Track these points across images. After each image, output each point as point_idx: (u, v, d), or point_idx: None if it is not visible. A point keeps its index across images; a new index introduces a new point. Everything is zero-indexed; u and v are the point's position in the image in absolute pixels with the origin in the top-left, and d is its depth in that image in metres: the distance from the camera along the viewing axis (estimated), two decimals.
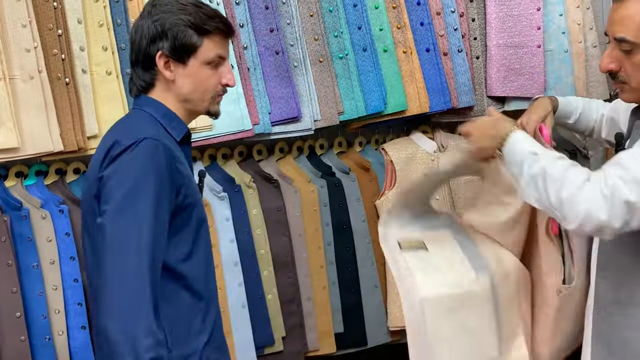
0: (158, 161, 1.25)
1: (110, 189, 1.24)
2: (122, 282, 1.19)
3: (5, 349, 1.73)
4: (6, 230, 1.76)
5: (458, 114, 2.30)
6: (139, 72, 1.37)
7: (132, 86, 1.41)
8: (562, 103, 1.73)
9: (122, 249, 1.21)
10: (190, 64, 1.34)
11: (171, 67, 1.34)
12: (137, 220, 1.21)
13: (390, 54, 2.15)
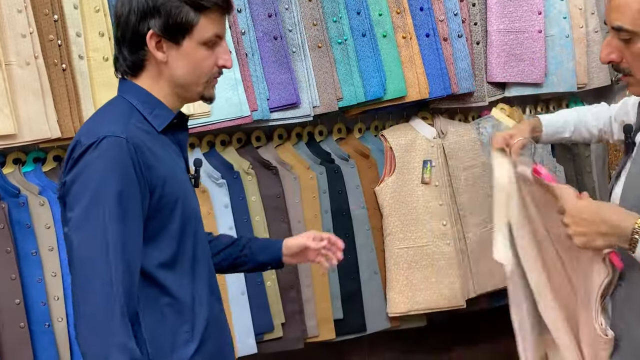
0: (122, 161, 1.13)
1: (73, 196, 1.14)
2: (90, 296, 1.10)
3: (5, 336, 1.74)
4: (4, 217, 1.76)
5: (458, 100, 2.29)
6: (126, 52, 1.22)
7: (119, 67, 1.26)
8: (547, 120, 1.75)
9: (88, 261, 1.11)
10: (184, 45, 1.20)
11: (163, 47, 1.20)
12: (102, 229, 1.10)
13: (390, 39, 2.14)
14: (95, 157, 1.14)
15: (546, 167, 2.16)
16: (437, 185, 2.20)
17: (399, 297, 2.15)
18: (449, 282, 2.18)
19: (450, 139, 2.24)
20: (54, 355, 1.79)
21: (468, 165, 2.25)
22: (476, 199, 2.25)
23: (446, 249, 2.18)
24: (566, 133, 1.77)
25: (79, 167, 1.15)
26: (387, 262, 2.17)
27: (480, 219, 2.24)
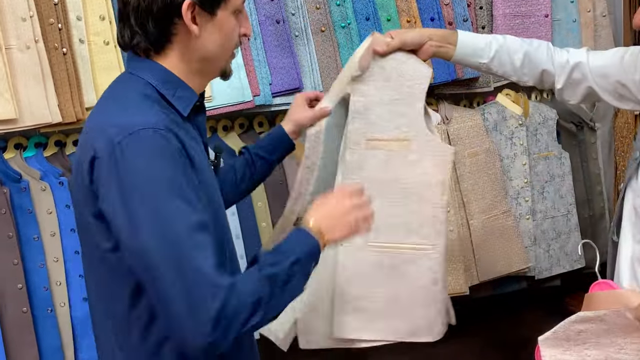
0: (169, 150, 1.00)
1: (120, 200, 0.99)
2: (189, 288, 0.97)
3: (8, 320, 1.75)
4: (6, 203, 1.76)
5: (463, 86, 2.27)
6: (151, 25, 1.07)
7: (136, 44, 1.10)
8: (465, 36, 1.48)
9: (173, 259, 0.97)
10: (219, 15, 1.09)
11: (196, 19, 1.08)
12: (172, 221, 0.98)
13: (394, 23, 2.11)
14: (136, 152, 0.99)
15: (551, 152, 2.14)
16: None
17: None
18: (452, 268, 2.17)
19: (455, 125, 2.23)
20: (56, 339, 1.80)
21: (472, 151, 2.23)
22: (480, 185, 2.24)
23: (449, 235, 2.18)
24: (483, 58, 1.46)
25: (117, 169, 0.99)
26: None
27: (484, 206, 2.23)
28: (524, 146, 2.32)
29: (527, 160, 2.31)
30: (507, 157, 2.31)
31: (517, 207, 2.31)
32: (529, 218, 2.32)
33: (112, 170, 1.01)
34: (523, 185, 2.32)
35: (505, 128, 2.31)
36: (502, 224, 2.26)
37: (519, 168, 2.32)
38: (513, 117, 2.32)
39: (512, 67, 1.48)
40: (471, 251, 2.22)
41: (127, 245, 1.02)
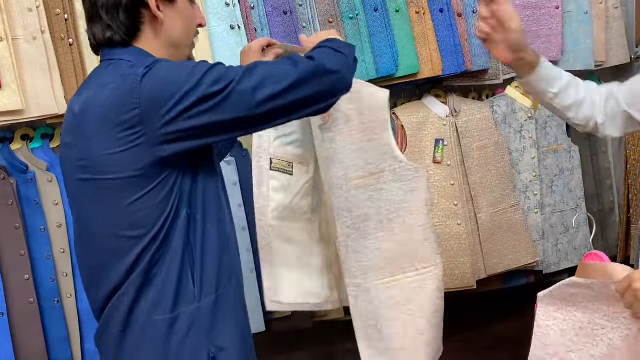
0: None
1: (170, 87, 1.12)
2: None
3: (15, 311, 1.76)
4: (13, 194, 1.76)
5: (472, 78, 2.25)
6: (122, 17, 1.19)
7: (108, 36, 1.20)
8: (544, 59, 1.48)
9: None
10: (179, 3, 1.24)
11: (160, 7, 1.22)
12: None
13: (403, 14, 2.09)
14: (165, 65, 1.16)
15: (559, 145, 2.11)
16: (449, 165, 2.17)
17: None
18: (460, 262, 2.16)
19: (464, 118, 2.21)
20: (63, 330, 1.81)
21: (481, 144, 2.22)
22: (488, 179, 2.22)
23: (457, 229, 2.16)
24: (555, 87, 1.45)
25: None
26: None
27: (492, 200, 2.22)
28: (533, 139, 2.30)
29: (536, 154, 2.29)
30: (516, 150, 2.29)
31: (525, 201, 2.30)
32: (537, 212, 2.31)
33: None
34: (532, 179, 2.30)
35: (514, 121, 2.29)
36: (510, 217, 2.25)
37: (528, 161, 2.30)
38: (522, 110, 2.30)
39: (575, 101, 1.49)
40: (479, 245, 2.21)
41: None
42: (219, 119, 1.13)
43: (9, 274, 1.76)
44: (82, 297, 1.84)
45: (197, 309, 1.17)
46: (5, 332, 1.74)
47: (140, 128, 1.12)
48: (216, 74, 1.14)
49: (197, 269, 1.18)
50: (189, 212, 1.17)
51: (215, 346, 1.17)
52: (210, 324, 1.18)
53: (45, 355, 1.78)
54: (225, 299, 1.20)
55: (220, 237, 1.22)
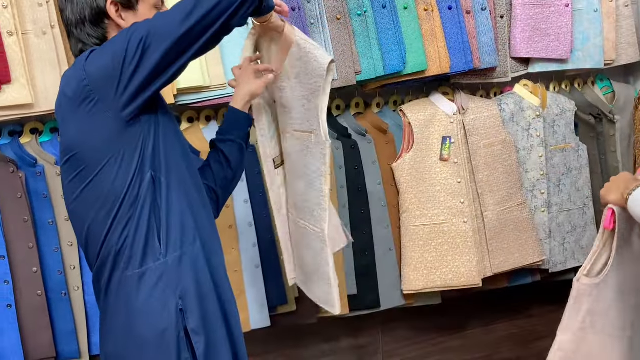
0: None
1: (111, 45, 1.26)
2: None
3: (23, 303, 1.78)
4: (22, 187, 1.78)
5: (480, 76, 2.24)
6: (88, 30, 1.33)
7: (84, 47, 1.34)
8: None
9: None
10: (140, 9, 1.33)
11: (122, 15, 1.32)
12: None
13: (411, 11, 2.09)
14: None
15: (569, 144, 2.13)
16: (456, 163, 2.17)
17: (414, 274, 2.15)
18: (466, 260, 2.16)
19: (471, 115, 2.20)
20: (70, 323, 1.83)
21: (488, 142, 2.21)
22: (495, 177, 2.22)
23: (463, 227, 2.16)
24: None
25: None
26: (403, 239, 2.16)
27: (499, 198, 2.22)
28: (540, 138, 2.29)
29: (544, 152, 2.29)
30: (524, 148, 2.28)
31: (532, 200, 2.29)
32: (544, 211, 2.30)
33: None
34: (539, 178, 2.30)
35: (522, 119, 2.28)
36: (517, 216, 2.24)
37: (536, 160, 2.29)
38: (530, 108, 2.30)
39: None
40: (485, 243, 2.21)
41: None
42: (156, 60, 1.22)
43: (18, 266, 1.77)
44: (89, 290, 1.85)
45: (164, 264, 1.28)
46: (14, 323, 1.75)
47: (94, 96, 1.25)
48: (137, 33, 1.23)
49: (162, 228, 1.28)
50: (152, 174, 1.28)
51: (182, 299, 1.27)
52: (176, 279, 1.28)
53: (52, 347, 1.80)
54: (188, 257, 1.30)
55: (183, 200, 1.32)
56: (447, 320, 2.44)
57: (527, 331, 2.59)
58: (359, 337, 2.35)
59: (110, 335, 1.32)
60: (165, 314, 1.26)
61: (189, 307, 1.28)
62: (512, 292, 2.43)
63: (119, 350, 1.30)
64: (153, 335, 1.26)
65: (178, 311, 1.27)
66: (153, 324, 1.26)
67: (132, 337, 1.27)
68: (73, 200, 1.34)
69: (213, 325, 1.31)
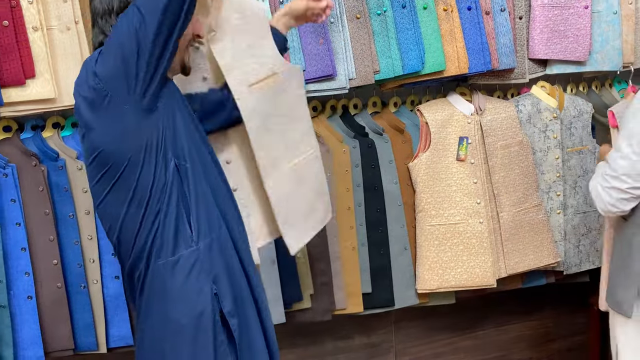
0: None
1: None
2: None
3: (43, 295, 1.80)
4: (43, 180, 1.80)
5: (498, 77, 2.24)
6: (113, 21, 1.31)
7: (100, 40, 1.33)
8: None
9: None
10: None
11: None
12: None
13: (430, 11, 2.09)
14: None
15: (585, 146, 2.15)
16: (473, 163, 2.18)
17: (429, 274, 2.15)
18: (481, 260, 2.17)
19: (488, 116, 2.21)
20: (89, 315, 1.85)
21: (505, 143, 2.21)
22: (512, 178, 2.22)
23: (479, 227, 2.17)
24: None
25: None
26: (418, 239, 2.17)
27: (515, 199, 2.22)
28: (557, 139, 2.29)
29: (560, 154, 2.29)
30: (540, 150, 2.28)
31: (548, 201, 2.29)
32: (560, 213, 2.30)
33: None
34: (555, 179, 2.30)
35: (539, 121, 2.28)
36: (532, 217, 2.24)
37: (552, 162, 2.29)
38: (548, 109, 2.29)
39: None
40: (500, 244, 2.21)
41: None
42: (153, 36, 1.24)
43: (39, 258, 1.80)
44: (107, 284, 1.88)
45: (196, 250, 1.29)
46: (34, 315, 1.78)
47: (108, 94, 1.25)
48: (132, 25, 1.24)
49: (192, 214, 1.29)
50: (176, 162, 1.29)
51: (215, 284, 1.29)
52: (209, 264, 1.30)
53: (71, 338, 1.83)
54: (217, 243, 1.32)
55: (207, 185, 1.33)
56: (460, 320, 2.45)
57: (540, 333, 2.59)
58: (372, 335, 2.36)
59: (146, 324, 1.34)
60: (202, 298, 1.28)
61: (222, 291, 1.30)
62: (526, 293, 2.43)
63: (156, 338, 1.32)
64: (190, 320, 1.28)
65: (213, 295, 1.28)
66: (190, 309, 1.28)
67: (168, 323, 1.29)
68: (102, 201, 1.34)
69: (245, 309, 1.34)
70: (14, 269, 1.78)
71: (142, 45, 1.22)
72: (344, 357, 2.32)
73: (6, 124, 1.84)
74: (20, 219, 1.78)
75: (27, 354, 1.78)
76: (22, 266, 1.78)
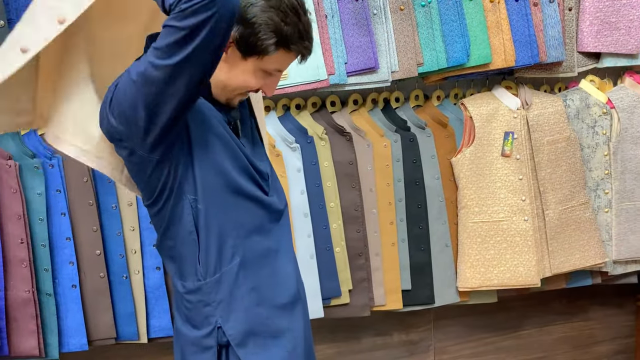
0: None
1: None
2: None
3: (87, 284, 1.84)
4: (88, 172, 1.84)
5: (545, 70, 2.18)
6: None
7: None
8: None
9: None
10: (249, 61, 1.21)
11: (229, 50, 1.20)
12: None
13: (476, 2, 2.05)
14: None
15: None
16: (518, 159, 2.12)
17: (471, 272, 2.11)
18: (525, 259, 2.12)
19: (535, 111, 2.15)
20: (130, 305, 1.88)
21: (552, 139, 2.15)
22: (558, 174, 2.16)
23: (523, 225, 2.12)
24: None
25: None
26: (460, 236, 2.13)
27: (561, 196, 2.16)
28: (606, 136, 2.21)
29: (609, 151, 2.21)
30: (588, 146, 2.21)
31: (595, 199, 2.22)
32: (607, 211, 2.22)
33: None
34: (603, 177, 2.22)
35: (587, 116, 2.21)
36: (579, 215, 2.18)
37: (600, 158, 2.22)
38: (597, 104, 2.22)
39: None
40: (545, 242, 2.16)
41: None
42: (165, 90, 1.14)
43: (82, 248, 1.83)
44: (148, 274, 1.90)
45: (204, 285, 1.28)
46: (78, 303, 1.82)
47: (121, 139, 1.20)
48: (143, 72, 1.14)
49: (202, 252, 1.27)
50: (190, 200, 1.25)
51: (221, 317, 1.28)
52: (216, 298, 1.28)
53: (113, 328, 1.86)
54: (227, 276, 1.29)
55: (224, 222, 1.28)
56: (501, 320, 2.40)
57: (585, 334, 2.52)
58: (411, 332, 2.33)
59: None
60: (206, 329, 1.27)
61: (227, 326, 1.27)
62: (570, 293, 2.37)
63: (178, 341, 1.36)
64: (195, 340, 1.29)
65: (216, 329, 1.27)
66: (195, 335, 1.28)
67: (182, 336, 1.35)
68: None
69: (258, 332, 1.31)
70: (59, 258, 1.81)
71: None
72: (382, 354, 2.30)
73: None
74: (65, 209, 1.81)
75: (71, 342, 1.82)
76: (67, 255, 1.82)
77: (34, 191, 1.79)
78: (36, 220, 1.78)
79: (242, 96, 1.28)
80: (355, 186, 2.06)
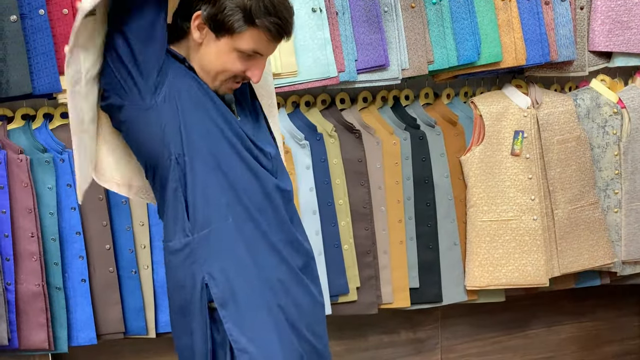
0: None
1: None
2: None
3: (96, 279, 1.85)
4: None
5: (556, 69, 2.18)
6: (177, 18, 1.30)
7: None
8: None
9: None
10: (222, 41, 1.26)
11: (204, 31, 1.27)
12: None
13: (488, 0, 2.04)
14: None
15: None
16: (528, 158, 2.12)
17: (479, 271, 2.11)
18: (533, 258, 2.11)
19: (545, 110, 2.14)
20: (139, 300, 1.89)
21: (562, 138, 2.14)
22: (568, 174, 2.15)
23: (532, 224, 2.11)
24: None
25: None
26: (469, 234, 2.12)
27: (570, 196, 2.15)
28: (617, 136, 2.20)
29: (619, 151, 2.20)
30: (598, 146, 2.21)
31: (605, 199, 2.21)
32: (617, 211, 2.21)
33: None
34: (613, 177, 2.22)
35: (598, 116, 2.20)
36: (588, 215, 2.17)
37: (610, 158, 2.21)
38: (607, 104, 2.21)
39: None
40: (554, 242, 2.15)
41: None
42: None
43: (92, 243, 1.85)
44: (157, 269, 1.91)
45: (191, 241, 1.29)
46: (87, 297, 1.83)
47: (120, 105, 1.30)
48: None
49: (190, 206, 1.29)
50: (176, 155, 1.28)
51: (208, 274, 1.29)
52: (204, 255, 1.29)
53: (121, 322, 1.87)
54: (218, 233, 1.29)
55: (213, 177, 1.29)
56: (509, 319, 2.40)
57: (593, 335, 2.52)
58: (418, 330, 2.33)
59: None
60: (191, 285, 1.29)
61: (212, 283, 1.29)
62: (579, 293, 2.36)
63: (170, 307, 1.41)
64: (182, 302, 1.32)
65: (204, 286, 1.28)
66: (181, 294, 1.31)
67: (169, 300, 1.40)
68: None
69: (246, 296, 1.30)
70: (69, 252, 1.83)
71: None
72: (389, 352, 2.30)
73: (64, 110, 1.88)
74: (75, 204, 1.82)
75: (81, 336, 1.83)
76: (77, 250, 1.83)
77: (45, 185, 1.80)
78: (46, 214, 1.80)
79: (228, 84, 1.31)
80: (364, 184, 2.07)
